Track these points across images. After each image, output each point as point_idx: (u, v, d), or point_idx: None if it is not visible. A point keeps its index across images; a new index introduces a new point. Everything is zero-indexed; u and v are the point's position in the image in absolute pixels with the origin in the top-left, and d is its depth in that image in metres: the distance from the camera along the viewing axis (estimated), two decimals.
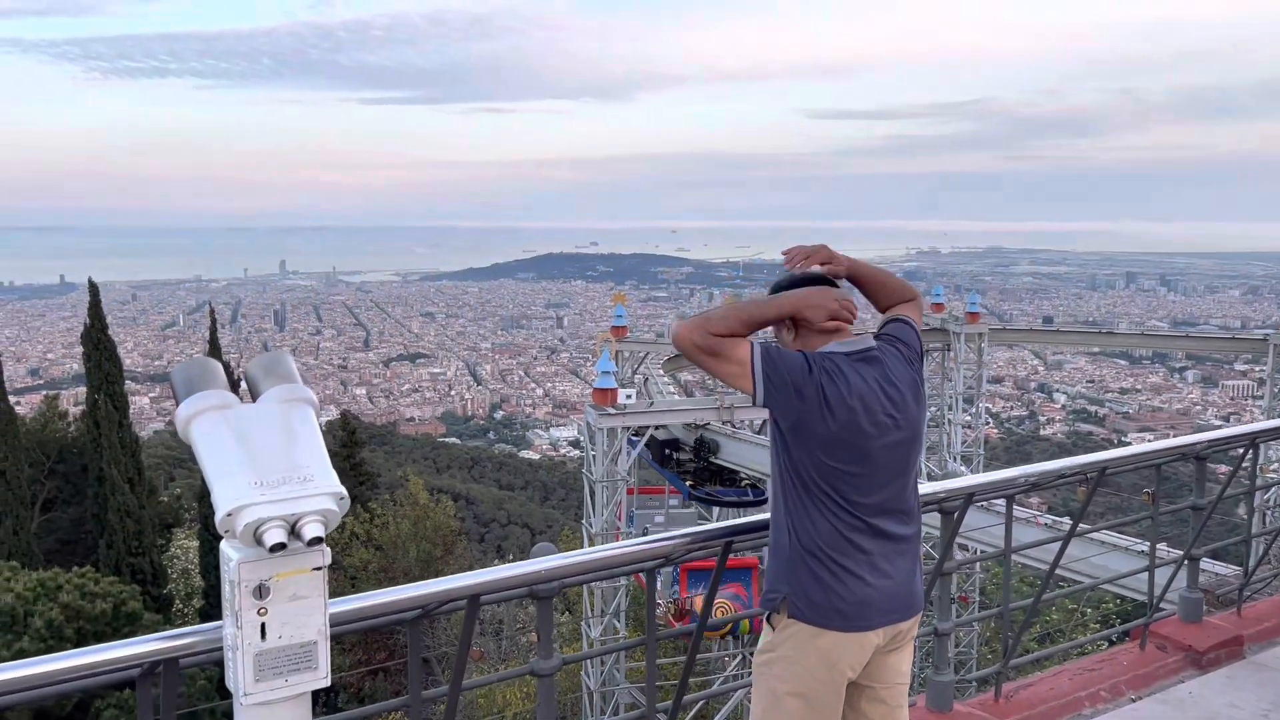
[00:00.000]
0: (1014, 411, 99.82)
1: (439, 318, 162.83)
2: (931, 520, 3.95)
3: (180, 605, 28.80)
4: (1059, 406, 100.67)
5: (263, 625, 2.10)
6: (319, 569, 2.15)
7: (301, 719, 2.21)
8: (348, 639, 22.12)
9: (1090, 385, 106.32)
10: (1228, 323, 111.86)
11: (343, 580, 22.91)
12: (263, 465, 2.06)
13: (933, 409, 31.81)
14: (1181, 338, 39.02)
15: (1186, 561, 5.19)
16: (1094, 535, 11.74)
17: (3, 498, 27.05)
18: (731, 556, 3.30)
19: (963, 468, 27.73)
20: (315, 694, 2.28)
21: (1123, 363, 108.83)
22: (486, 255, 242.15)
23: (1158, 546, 5.01)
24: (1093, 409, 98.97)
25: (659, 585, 14.94)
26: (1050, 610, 22.80)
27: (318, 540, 2.07)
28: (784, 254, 3.10)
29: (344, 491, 2.13)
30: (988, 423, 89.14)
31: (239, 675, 2.12)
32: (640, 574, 3.47)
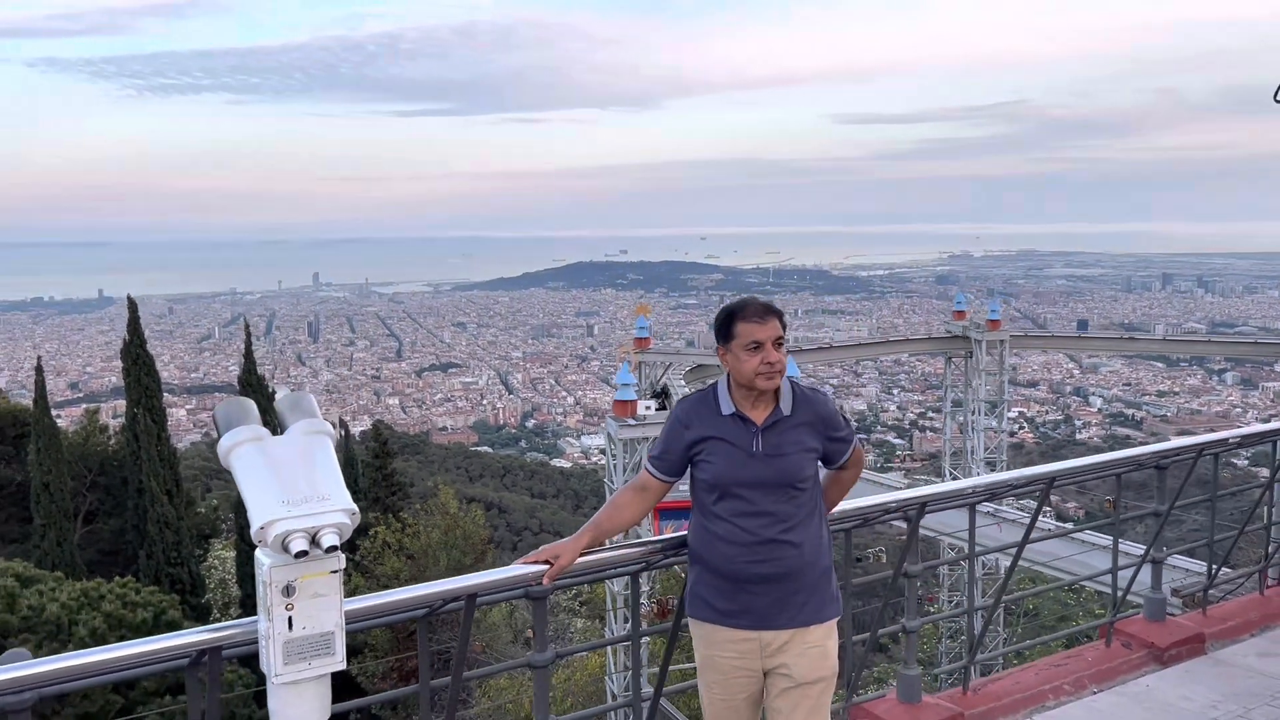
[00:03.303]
0: (1049, 415, 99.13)
1: (470, 327, 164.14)
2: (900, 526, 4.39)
3: (218, 614, 29.44)
4: (1095, 410, 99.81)
5: (290, 618, 2.57)
6: (335, 572, 2.63)
7: (323, 696, 2.68)
8: (381, 645, 22.68)
9: (1127, 388, 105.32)
10: (1268, 323, 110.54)
11: (375, 589, 23.37)
12: (289, 487, 2.54)
13: (957, 415, 31.97)
14: (1207, 342, 38.79)
15: (1151, 564, 5.53)
16: (1086, 537, 12.00)
17: (47, 510, 27.87)
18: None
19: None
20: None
21: (1159, 365, 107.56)
22: (517, 265, 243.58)
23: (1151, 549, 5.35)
24: (1129, 412, 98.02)
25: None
26: (1038, 608, 22.99)
27: (334, 548, 2.54)
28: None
29: (355, 508, 2.60)
30: (1021, 427, 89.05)
31: (271, 660, 2.58)
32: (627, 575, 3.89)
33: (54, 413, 30.92)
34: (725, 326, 3.37)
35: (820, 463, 3.45)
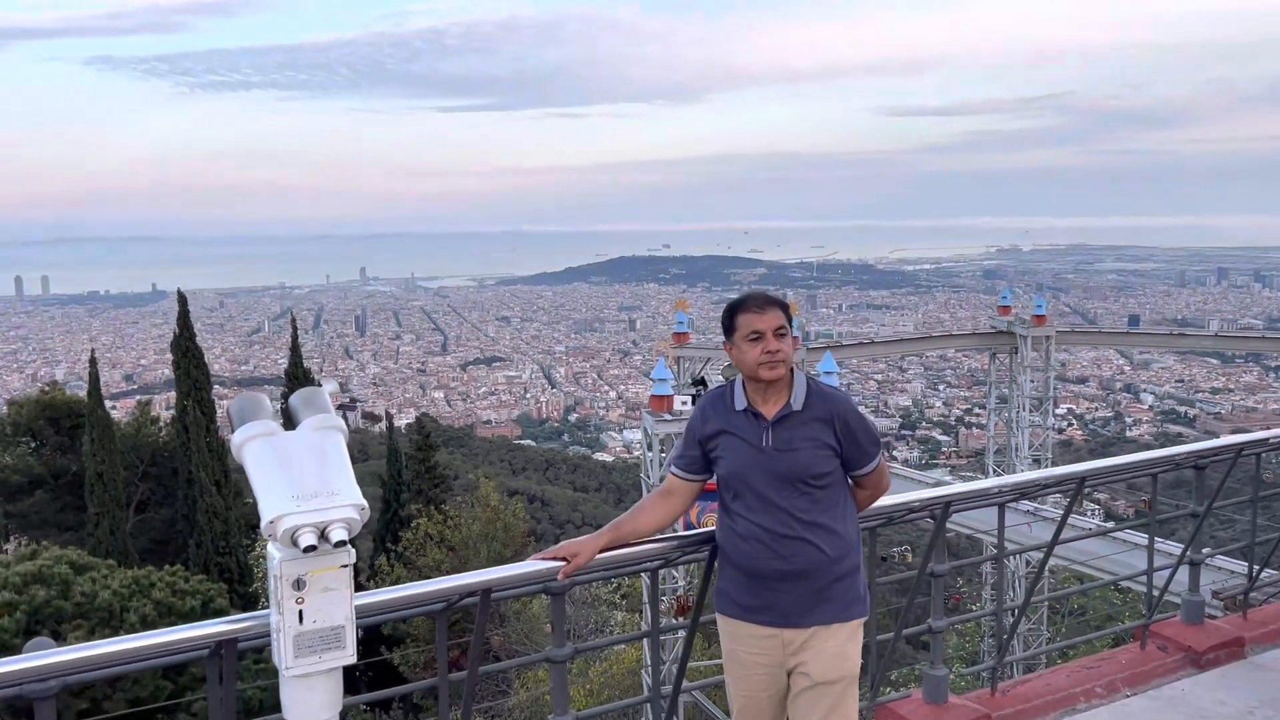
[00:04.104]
0: (1099, 412, 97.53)
1: (514, 322, 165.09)
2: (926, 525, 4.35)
3: (264, 603, 29.88)
4: (1146, 407, 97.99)
5: (300, 612, 2.59)
6: (345, 566, 2.64)
7: (333, 690, 2.70)
8: (423, 636, 22.89)
9: (1179, 385, 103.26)
10: None
11: (416, 580, 23.54)
12: (299, 482, 2.56)
13: (1002, 411, 31.55)
14: (1262, 338, 37.86)
15: (1189, 565, 5.42)
16: (1126, 537, 11.76)
17: (100, 499, 28.53)
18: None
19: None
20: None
21: (1214, 362, 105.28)
22: (560, 259, 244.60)
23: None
24: (1182, 410, 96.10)
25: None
26: (1083, 607, 22.63)
27: (342, 543, 2.55)
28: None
29: (365, 504, 2.61)
30: (1070, 424, 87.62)
31: (282, 653, 2.61)
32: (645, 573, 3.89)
33: (107, 404, 31.61)
34: (728, 320, 3.40)
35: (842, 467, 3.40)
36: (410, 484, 30.65)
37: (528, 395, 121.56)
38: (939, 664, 4.61)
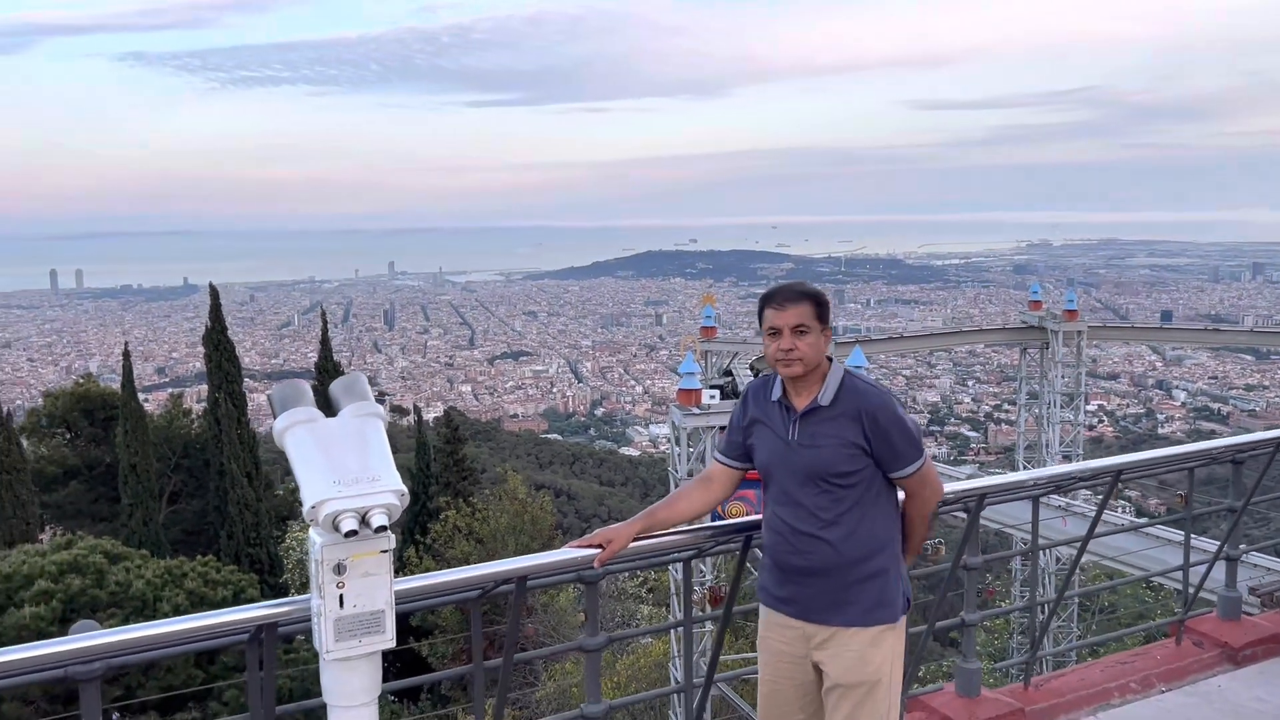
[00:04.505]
0: (1130, 409, 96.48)
1: (541, 316, 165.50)
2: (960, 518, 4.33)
3: (295, 594, 30.10)
4: (1179, 404, 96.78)
5: (340, 596, 2.62)
6: (385, 552, 2.67)
7: (373, 674, 2.73)
8: (452, 628, 23.05)
9: (1213, 382, 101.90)
10: None
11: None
12: (340, 468, 2.59)
13: (1032, 407, 31.28)
14: None
15: (1225, 560, 5.36)
16: (1160, 533, 11.65)
17: (134, 490, 28.91)
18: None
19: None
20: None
21: (1248, 358, 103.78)
22: (587, 254, 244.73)
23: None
24: (1215, 406, 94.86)
25: None
26: (1114, 604, 22.43)
27: (383, 528, 2.58)
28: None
29: (405, 489, 2.64)
30: (1101, 420, 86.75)
31: (323, 637, 2.64)
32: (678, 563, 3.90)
33: (140, 397, 31.98)
34: (759, 311, 3.38)
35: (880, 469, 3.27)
36: (439, 477, 30.84)
37: (554, 389, 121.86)
38: (972, 658, 4.59)
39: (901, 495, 3.40)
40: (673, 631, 20.41)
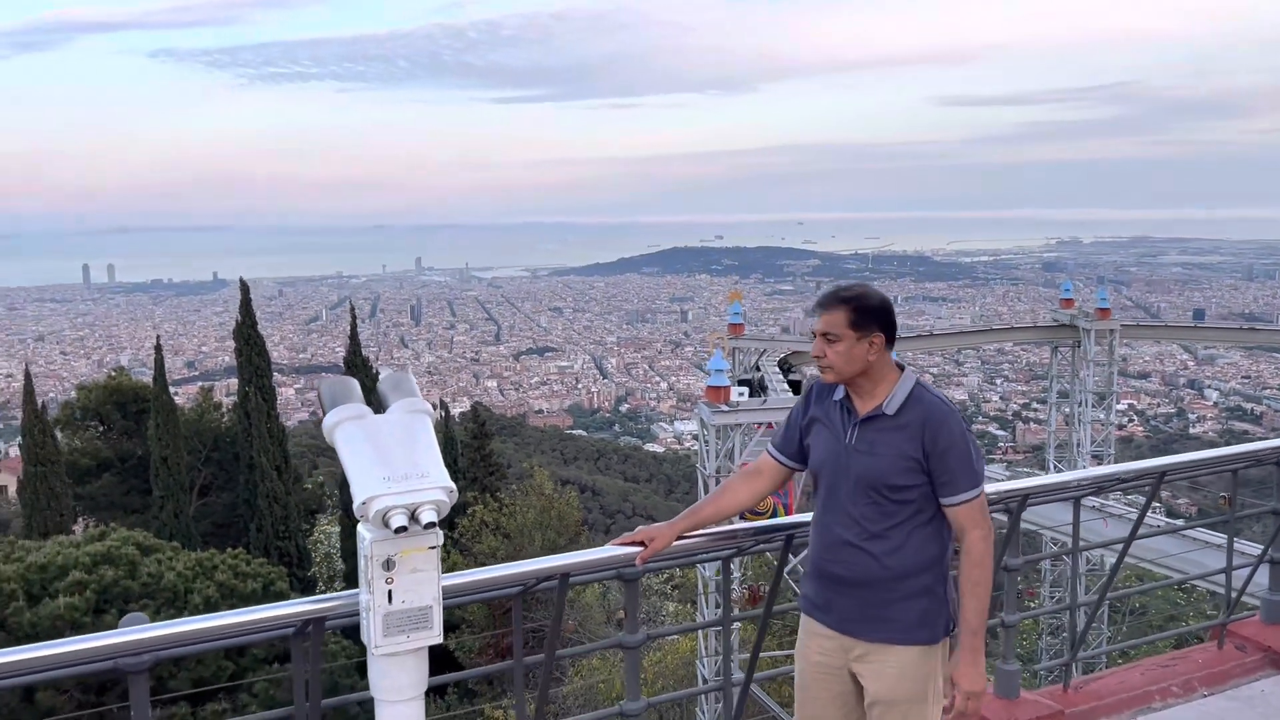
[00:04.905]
0: (1161, 409, 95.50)
1: (566, 312, 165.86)
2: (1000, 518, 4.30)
3: (323, 587, 30.40)
4: (1211, 404, 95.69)
5: (389, 592, 2.64)
6: (433, 548, 2.69)
7: (420, 669, 2.75)
8: (478, 622, 23.16)
9: (1246, 381, 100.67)
10: None
11: (472, 566, 23.81)
12: (390, 464, 2.60)
13: (1062, 406, 31.02)
14: None
15: (1269, 564, 5.29)
16: (1198, 535, 11.51)
17: (165, 483, 29.21)
18: None
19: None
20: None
21: None
22: (612, 250, 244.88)
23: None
24: (1249, 406, 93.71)
25: None
26: (1145, 607, 22.22)
27: (432, 524, 2.60)
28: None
29: (453, 486, 2.65)
30: (1131, 420, 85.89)
31: (371, 631, 2.66)
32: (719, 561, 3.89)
33: (171, 390, 32.28)
34: None
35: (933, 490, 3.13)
36: (465, 472, 30.98)
37: (579, 385, 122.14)
38: (1011, 659, 4.56)
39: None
40: (700, 631, 20.46)
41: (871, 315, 3.15)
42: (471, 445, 32.12)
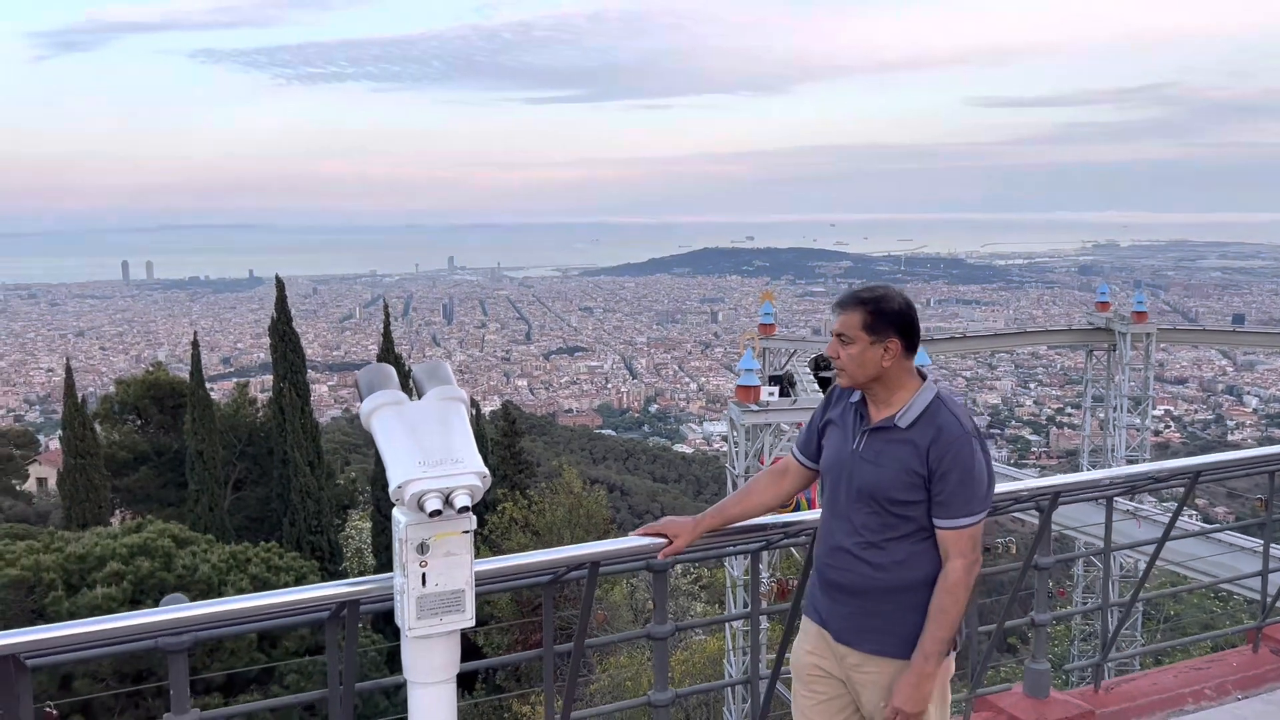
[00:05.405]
0: (1198, 415, 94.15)
1: (597, 312, 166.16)
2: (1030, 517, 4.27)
3: None
4: (1250, 410, 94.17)
5: (423, 575, 2.68)
6: (467, 532, 2.73)
7: (452, 651, 2.79)
8: (506, 614, 23.28)
9: None
10: None
11: None
12: (425, 449, 2.65)
13: (1097, 411, 30.68)
14: None
15: None
16: (1232, 539, 11.35)
17: (200, 477, 29.60)
18: None
19: None
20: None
21: None
22: (643, 250, 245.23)
23: None
24: None
25: None
26: (1179, 613, 21.92)
27: (466, 509, 2.64)
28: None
29: (487, 471, 2.69)
30: (1167, 426, 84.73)
31: (405, 614, 2.71)
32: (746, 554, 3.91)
33: (207, 386, 32.66)
34: None
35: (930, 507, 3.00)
36: (496, 469, 31.12)
37: (609, 385, 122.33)
38: (1041, 658, 4.54)
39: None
40: (728, 627, 20.45)
41: (889, 319, 3.04)
42: (502, 443, 32.27)
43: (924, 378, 3.11)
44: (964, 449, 2.96)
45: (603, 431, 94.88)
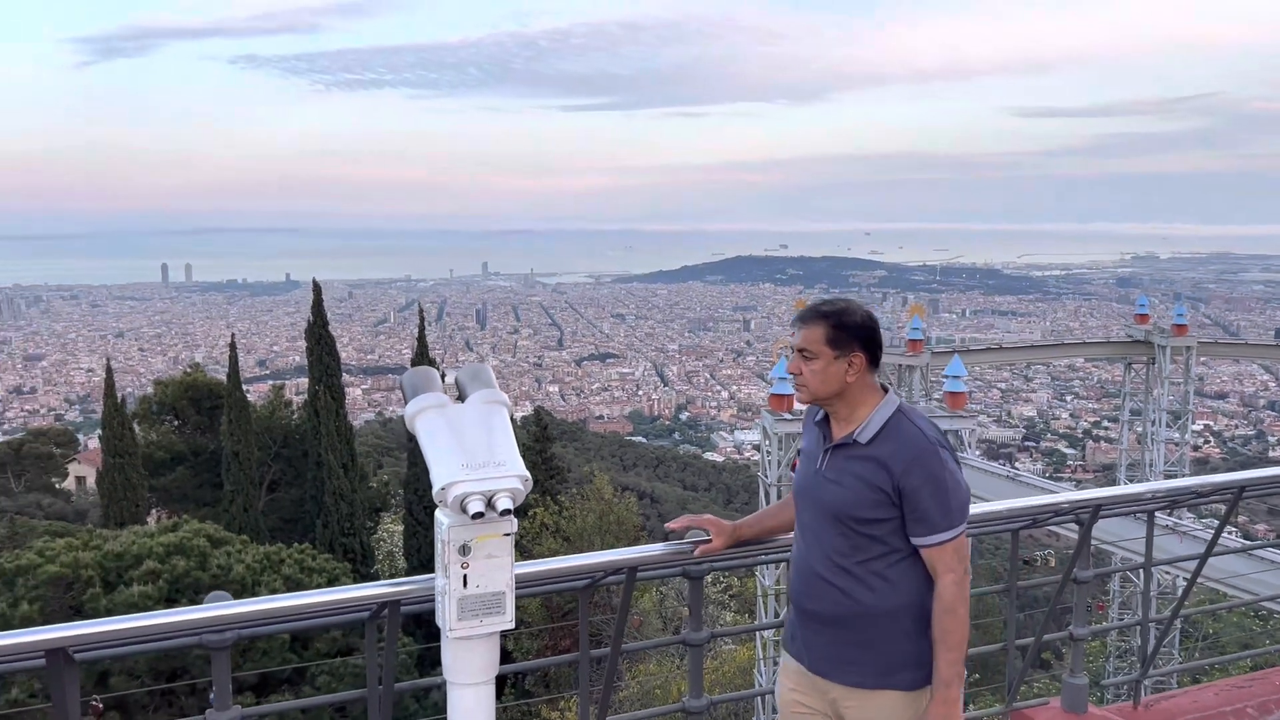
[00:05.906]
0: (1239, 430, 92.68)
1: (629, 319, 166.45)
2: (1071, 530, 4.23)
3: None
4: None
5: (464, 576, 2.71)
6: (508, 535, 2.75)
7: (492, 652, 2.82)
8: (535, 620, 23.32)
9: None
10: None
11: None
12: (468, 451, 2.68)
13: (1135, 425, 30.29)
14: None
15: None
16: (1276, 557, 11.13)
17: (236, 477, 29.94)
18: None
19: None
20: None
21: None
22: (676, 258, 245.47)
23: None
24: None
25: None
26: (1218, 632, 21.52)
27: (507, 511, 2.67)
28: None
29: (528, 475, 2.72)
30: (1207, 441, 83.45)
31: (446, 615, 2.73)
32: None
33: (244, 388, 33.06)
34: None
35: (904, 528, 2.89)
36: None
37: (640, 392, 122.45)
38: (1079, 673, 4.49)
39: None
40: (759, 636, 20.38)
41: (853, 333, 2.92)
42: (533, 449, 32.35)
43: (886, 391, 3.00)
44: (931, 460, 2.84)
45: (633, 438, 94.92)
